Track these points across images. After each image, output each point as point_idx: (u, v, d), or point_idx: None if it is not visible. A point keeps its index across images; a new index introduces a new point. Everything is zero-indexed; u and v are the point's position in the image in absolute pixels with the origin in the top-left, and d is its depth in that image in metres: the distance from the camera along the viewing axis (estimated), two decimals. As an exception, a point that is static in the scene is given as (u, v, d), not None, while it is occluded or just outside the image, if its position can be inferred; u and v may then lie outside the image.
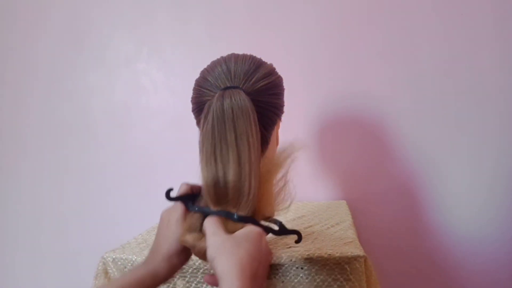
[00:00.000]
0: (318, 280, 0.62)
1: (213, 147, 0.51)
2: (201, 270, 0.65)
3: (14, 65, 1.27)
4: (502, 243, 1.03)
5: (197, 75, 0.61)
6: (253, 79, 0.55)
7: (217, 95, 0.52)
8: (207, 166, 0.51)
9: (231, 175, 0.50)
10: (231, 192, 0.50)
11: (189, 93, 0.62)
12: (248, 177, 0.50)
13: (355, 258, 0.62)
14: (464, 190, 1.04)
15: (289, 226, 0.82)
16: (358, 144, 1.08)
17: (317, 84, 1.08)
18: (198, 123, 0.59)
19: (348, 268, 0.62)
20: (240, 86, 0.54)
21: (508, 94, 1.00)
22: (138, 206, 1.20)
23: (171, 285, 0.66)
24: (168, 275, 0.52)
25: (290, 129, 1.05)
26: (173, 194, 0.56)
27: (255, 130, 0.51)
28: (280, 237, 0.75)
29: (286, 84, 0.64)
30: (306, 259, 0.62)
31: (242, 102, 0.51)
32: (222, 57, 0.61)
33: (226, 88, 0.53)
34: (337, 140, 1.09)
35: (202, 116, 0.53)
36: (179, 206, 0.54)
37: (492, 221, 1.03)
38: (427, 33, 1.03)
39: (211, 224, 0.49)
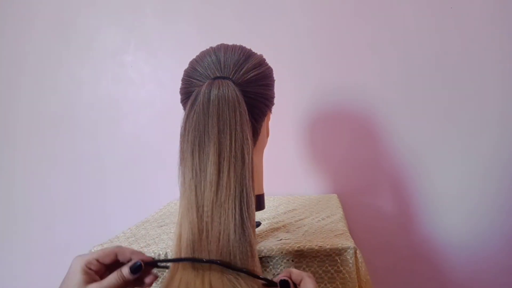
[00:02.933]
0: (309, 272, 0.62)
1: (196, 138, 0.49)
2: (191, 264, 0.64)
3: (-3, 57, 1.24)
4: (492, 236, 1.05)
5: (185, 67, 0.60)
6: (243, 70, 0.55)
7: (205, 84, 0.51)
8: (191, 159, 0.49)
9: (209, 174, 0.47)
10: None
11: (177, 86, 0.61)
12: (227, 173, 0.47)
13: (346, 249, 0.62)
14: (455, 184, 1.05)
15: (280, 219, 0.83)
16: (349, 138, 1.08)
17: (307, 78, 1.08)
18: None
19: (338, 260, 0.62)
20: (230, 77, 0.53)
21: (500, 88, 1.02)
22: (126, 200, 1.18)
23: (160, 279, 0.65)
24: None
25: (280, 122, 1.05)
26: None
27: (243, 121, 0.50)
28: (271, 229, 0.75)
29: (276, 78, 0.63)
30: (296, 251, 0.62)
31: (230, 93, 0.50)
32: (211, 47, 0.60)
33: (216, 78, 0.52)
34: (328, 134, 1.09)
35: (188, 103, 0.52)
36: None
37: (483, 215, 1.05)
38: (417, 26, 1.03)
39: None
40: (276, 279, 0.45)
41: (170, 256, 0.63)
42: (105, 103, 1.18)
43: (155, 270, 0.49)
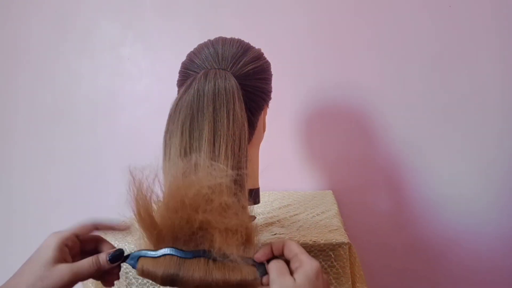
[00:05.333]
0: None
1: (188, 118, 0.47)
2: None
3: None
4: (487, 234, 1.05)
5: (183, 60, 0.60)
6: (241, 63, 0.55)
7: (203, 71, 0.51)
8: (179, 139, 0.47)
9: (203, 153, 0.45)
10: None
11: (175, 79, 0.61)
12: (224, 153, 0.45)
13: (340, 245, 0.62)
14: (451, 181, 1.05)
15: (275, 213, 0.83)
16: (345, 135, 1.08)
17: (305, 74, 1.08)
18: None
19: (332, 255, 0.62)
20: (228, 69, 0.53)
21: (498, 86, 1.02)
22: (123, 193, 1.18)
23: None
24: None
25: (277, 119, 1.05)
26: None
27: (241, 104, 0.49)
28: (265, 224, 0.75)
29: (273, 73, 0.63)
30: (291, 245, 0.62)
31: (227, 81, 0.50)
32: (209, 40, 0.60)
33: (214, 69, 0.52)
34: (324, 131, 1.09)
35: (183, 88, 0.51)
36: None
37: (479, 213, 1.05)
38: (416, 24, 1.03)
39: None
40: (257, 258, 0.44)
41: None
42: (101, 97, 1.17)
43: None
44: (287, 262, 0.44)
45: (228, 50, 0.55)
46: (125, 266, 0.65)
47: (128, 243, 0.65)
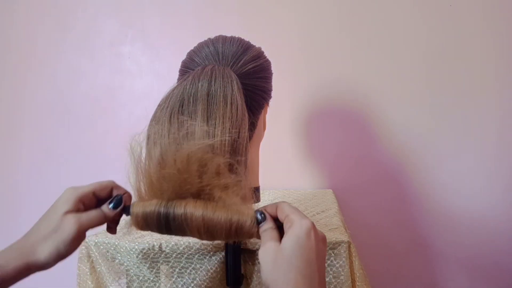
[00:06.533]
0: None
1: (177, 104, 0.44)
2: (185, 255, 0.64)
3: (-8, 45, 1.22)
4: (486, 233, 1.05)
5: (182, 58, 0.60)
6: (241, 61, 0.54)
7: (201, 67, 0.51)
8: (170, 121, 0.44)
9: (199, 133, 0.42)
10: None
11: (174, 77, 0.61)
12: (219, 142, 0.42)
13: (339, 243, 0.62)
14: (450, 180, 1.05)
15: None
16: (345, 134, 1.08)
17: (304, 73, 1.08)
18: None
19: (332, 254, 0.62)
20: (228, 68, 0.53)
21: (496, 82, 1.02)
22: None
23: (154, 270, 0.65)
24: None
25: (277, 117, 1.05)
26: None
27: (240, 92, 0.47)
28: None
29: (273, 73, 0.63)
30: (291, 244, 0.62)
31: (226, 73, 0.49)
32: (209, 38, 0.60)
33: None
34: (324, 130, 1.09)
35: (181, 78, 0.49)
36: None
37: (478, 212, 1.05)
38: (416, 22, 1.03)
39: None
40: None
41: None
42: (100, 94, 1.17)
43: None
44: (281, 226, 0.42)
45: (228, 48, 0.55)
46: (125, 265, 0.65)
47: (129, 241, 0.65)
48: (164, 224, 0.42)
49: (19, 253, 0.40)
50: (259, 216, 0.42)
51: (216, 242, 0.63)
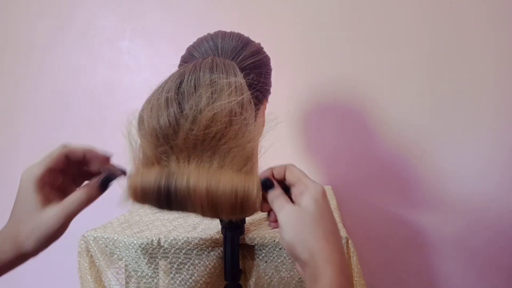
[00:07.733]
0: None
1: (172, 89, 0.43)
2: (183, 251, 0.64)
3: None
4: (485, 231, 1.06)
5: (181, 54, 0.60)
6: (241, 57, 0.54)
7: (201, 59, 0.51)
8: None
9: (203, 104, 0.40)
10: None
11: (173, 72, 0.61)
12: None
13: (338, 239, 0.62)
14: (449, 177, 1.06)
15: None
16: (343, 130, 1.08)
17: (302, 69, 1.07)
18: None
19: (330, 249, 0.62)
20: (227, 62, 0.53)
21: (495, 78, 1.02)
22: (121, 186, 1.18)
23: (152, 266, 0.65)
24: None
25: (275, 114, 1.05)
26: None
27: (241, 79, 0.46)
28: (263, 218, 0.75)
29: (272, 69, 0.63)
30: (289, 240, 0.62)
31: (227, 61, 0.48)
32: (209, 33, 0.60)
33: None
34: (323, 126, 1.09)
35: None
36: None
37: (478, 210, 1.06)
38: (416, 19, 1.03)
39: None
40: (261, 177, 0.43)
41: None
42: (99, 90, 1.17)
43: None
44: (287, 188, 0.43)
45: (227, 43, 0.55)
46: (123, 260, 0.65)
47: (128, 236, 0.65)
48: (164, 199, 0.41)
49: (11, 243, 0.39)
50: (267, 183, 0.42)
51: (214, 237, 0.63)
